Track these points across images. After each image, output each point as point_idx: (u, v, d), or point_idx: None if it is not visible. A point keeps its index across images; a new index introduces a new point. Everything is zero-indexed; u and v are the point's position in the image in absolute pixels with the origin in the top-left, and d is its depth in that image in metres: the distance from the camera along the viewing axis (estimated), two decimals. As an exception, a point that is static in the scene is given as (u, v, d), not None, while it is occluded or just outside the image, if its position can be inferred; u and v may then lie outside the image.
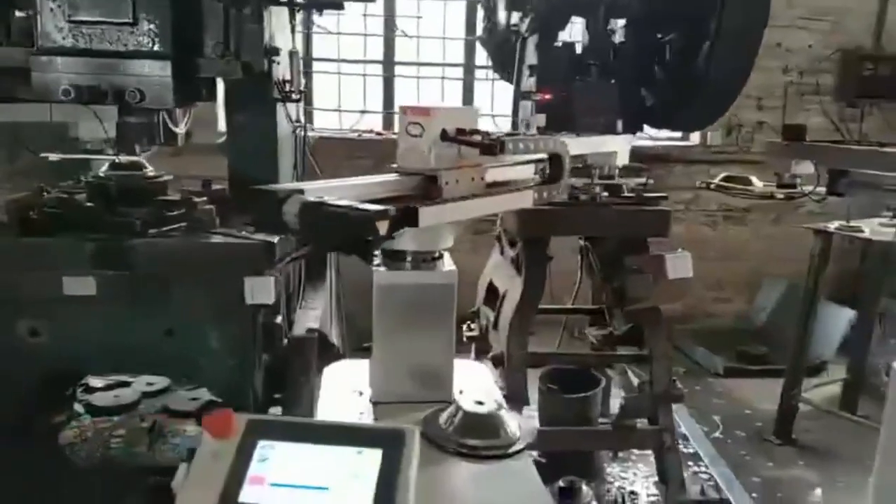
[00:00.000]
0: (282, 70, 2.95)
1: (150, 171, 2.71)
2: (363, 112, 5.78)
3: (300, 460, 1.13)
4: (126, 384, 3.69)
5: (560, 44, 3.19)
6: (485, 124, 5.77)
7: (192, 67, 2.52)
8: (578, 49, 3.27)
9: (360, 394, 1.90)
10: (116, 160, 2.58)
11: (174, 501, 1.15)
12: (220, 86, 2.85)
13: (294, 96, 2.98)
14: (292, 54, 2.99)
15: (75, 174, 3.00)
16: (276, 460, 1.13)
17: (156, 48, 2.40)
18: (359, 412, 1.78)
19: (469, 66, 5.92)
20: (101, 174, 2.63)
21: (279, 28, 2.90)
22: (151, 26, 2.39)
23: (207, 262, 2.46)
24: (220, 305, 2.49)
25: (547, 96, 2.95)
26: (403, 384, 1.83)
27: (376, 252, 1.88)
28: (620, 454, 3.61)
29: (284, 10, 3.02)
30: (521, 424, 1.69)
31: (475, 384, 1.96)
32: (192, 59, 2.51)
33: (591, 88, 2.99)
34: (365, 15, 5.58)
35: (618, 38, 3.37)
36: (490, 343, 3.42)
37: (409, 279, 1.80)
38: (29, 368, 2.49)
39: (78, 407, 3.46)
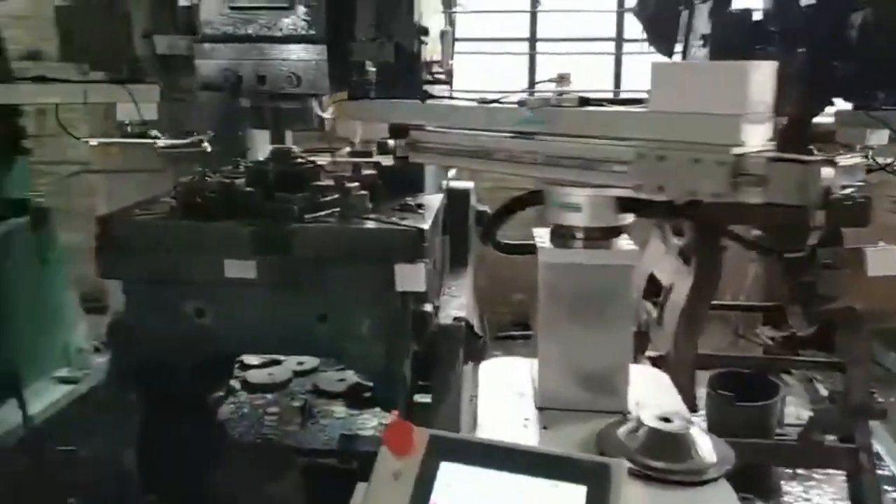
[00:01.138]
0: (429, 51, 2.86)
1: (303, 157, 2.73)
2: (505, 93, 5.59)
3: (489, 490, 0.99)
4: (278, 363, 3.84)
5: (736, 10, 2.83)
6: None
7: (344, 51, 2.49)
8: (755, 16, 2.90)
9: (521, 396, 1.75)
10: (157, 143, 2.61)
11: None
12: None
13: (443, 78, 2.87)
14: (443, 34, 2.87)
15: (233, 159, 3.10)
16: (463, 489, 1.00)
17: (311, 32, 2.38)
18: (523, 418, 1.63)
19: (619, 40, 5.56)
20: (261, 160, 2.68)
21: (428, 7, 2.80)
22: (307, 10, 2.37)
23: (360, 247, 2.42)
24: (372, 291, 2.45)
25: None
26: (572, 389, 1.64)
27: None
28: (801, 471, 3.23)
29: (434, -11, 2.92)
30: (715, 447, 1.47)
31: (653, 394, 1.75)
32: (344, 43, 2.48)
33: (776, 59, 2.61)
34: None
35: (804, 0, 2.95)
36: (647, 342, 3.16)
37: (579, 259, 1.59)
38: (194, 346, 2.59)
39: (234, 383, 3.63)
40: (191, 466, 2.60)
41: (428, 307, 2.70)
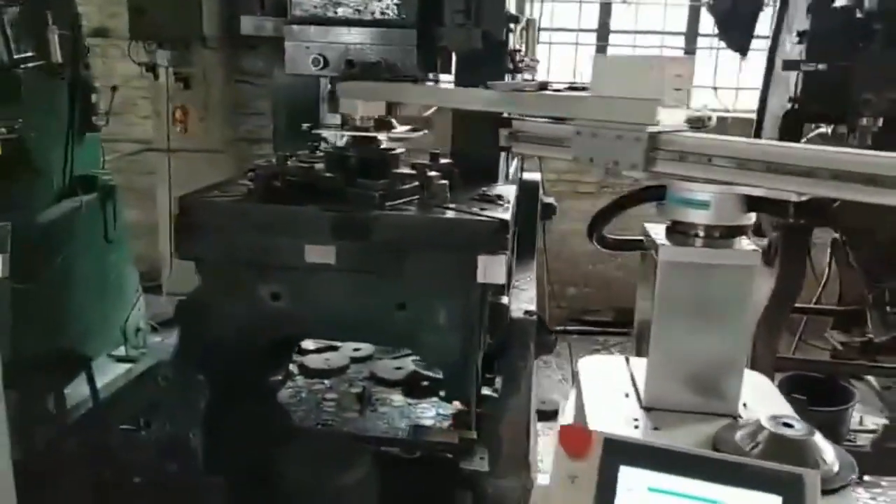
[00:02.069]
0: (514, 39, 2.81)
1: (384, 143, 2.70)
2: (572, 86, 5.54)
3: (678, 497, 0.97)
4: (335, 348, 3.82)
5: (840, 6, 2.74)
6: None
7: (433, 36, 2.45)
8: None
9: (626, 395, 1.72)
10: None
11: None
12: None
13: (526, 67, 2.83)
14: (529, 23, 2.82)
15: (310, 144, 3.07)
16: (648, 495, 0.97)
17: (402, 16, 2.36)
18: (632, 418, 1.60)
19: (691, 35, 5.47)
20: (341, 145, 2.65)
21: (513, -5, 2.76)
22: (398, -7, 2.34)
23: (442, 237, 2.39)
24: (451, 282, 2.42)
25: (821, 66, 2.54)
26: (683, 390, 1.61)
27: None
28: (867, 478, 3.16)
29: (521, -25, 2.87)
30: (837, 454, 1.44)
31: (757, 397, 1.71)
32: (433, 28, 2.44)
33: (879, 57, 2.53)
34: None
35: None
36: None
37: (701, 258, 1.56)
38: (268, 330, 2.58)
39: (293, 368, 3.62)
40: (255, 449, 2.60)
41: (504, 300, 2.68)
